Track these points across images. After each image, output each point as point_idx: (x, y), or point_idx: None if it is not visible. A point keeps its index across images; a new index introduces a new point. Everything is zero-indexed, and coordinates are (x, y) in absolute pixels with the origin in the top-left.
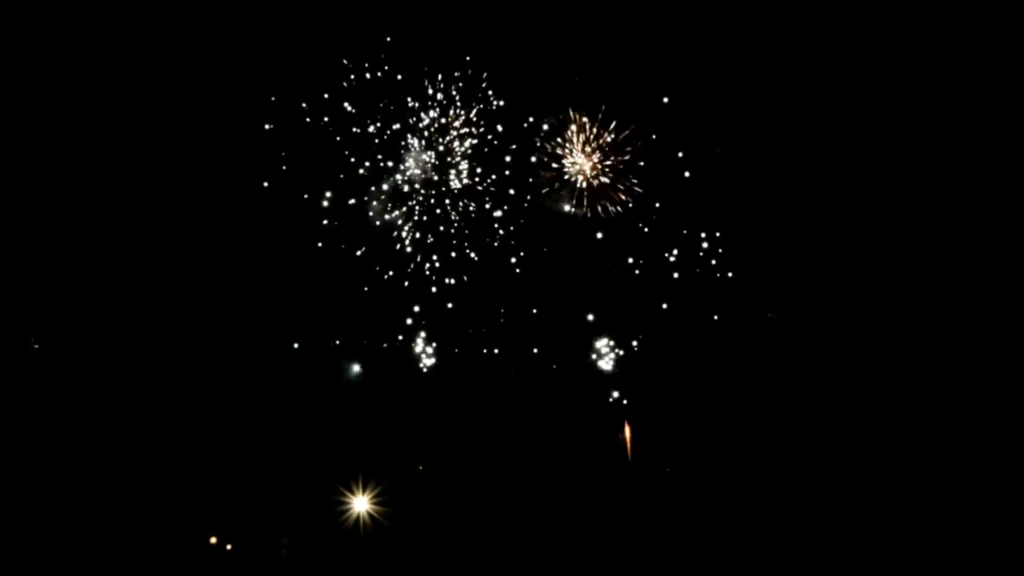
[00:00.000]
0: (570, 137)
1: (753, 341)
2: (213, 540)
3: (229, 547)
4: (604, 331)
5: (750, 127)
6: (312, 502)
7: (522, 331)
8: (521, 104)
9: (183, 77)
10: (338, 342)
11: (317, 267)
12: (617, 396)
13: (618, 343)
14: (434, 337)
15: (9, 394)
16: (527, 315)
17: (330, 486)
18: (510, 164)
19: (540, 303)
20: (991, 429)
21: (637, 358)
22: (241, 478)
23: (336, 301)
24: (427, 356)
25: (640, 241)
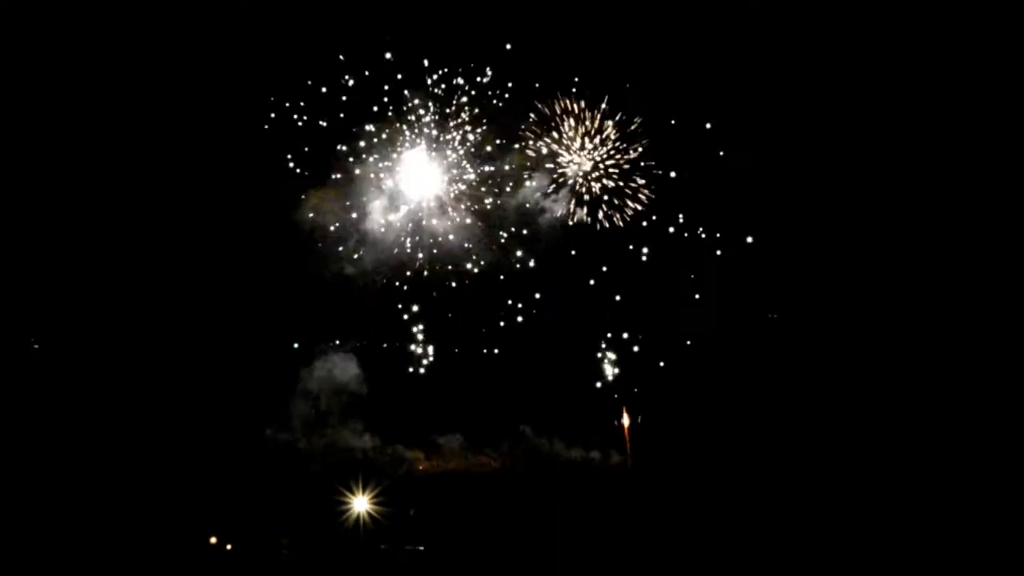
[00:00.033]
0: (565, 131)
1: (753, 341)
2: (213, 540)
3: (229, 547)
4: (604, 331)
5: (750, 127)
6: (312, 502)
7: (522, 331)
8: (520, 103)
9: (184, 78)
10: (338, 342)
11: (317, 267)
12: (617, 397)
13: (618, 343)
14: (434, 337)
15: (9, 394)
16: (526, 315)
17: (330, 486)
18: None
19: (539, 303)
20: (991, 429)
21: (637, 358)
22: (241, 478)
23: (336, 301)
24: (427, 356)
25: (641, 241)
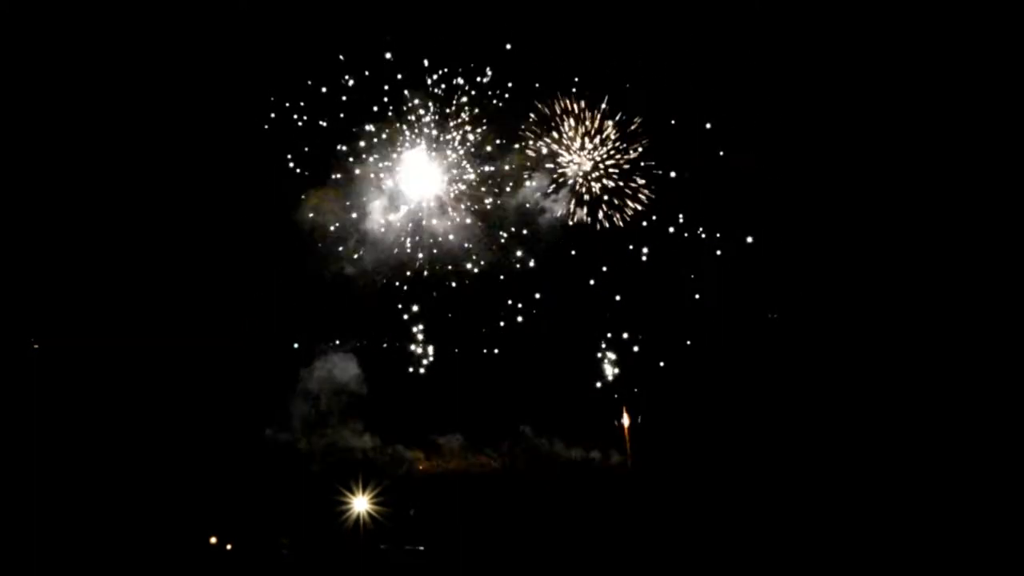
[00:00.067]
0: (566, 131)
1: (753, 341)
2: (213, 540)
3: (229, 547)
4: (604, 331)
5: (750, 127)
6: (312, 502)
7: (522, 331)
8: (520, 103)
9: (184, 78)
10: (338, 342)
11: (317, 267)
12: (617, 397)
13: (618, 343)
14: (434, 337)
15: (9, 394)
16: (526, 315)
17: (330, 486)
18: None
19: (539, 303)
20: (991, 429)
21: (637, 358)
22: (241, 478)
23: (336, 301)
24: (427, 356)
25: (641, 241)
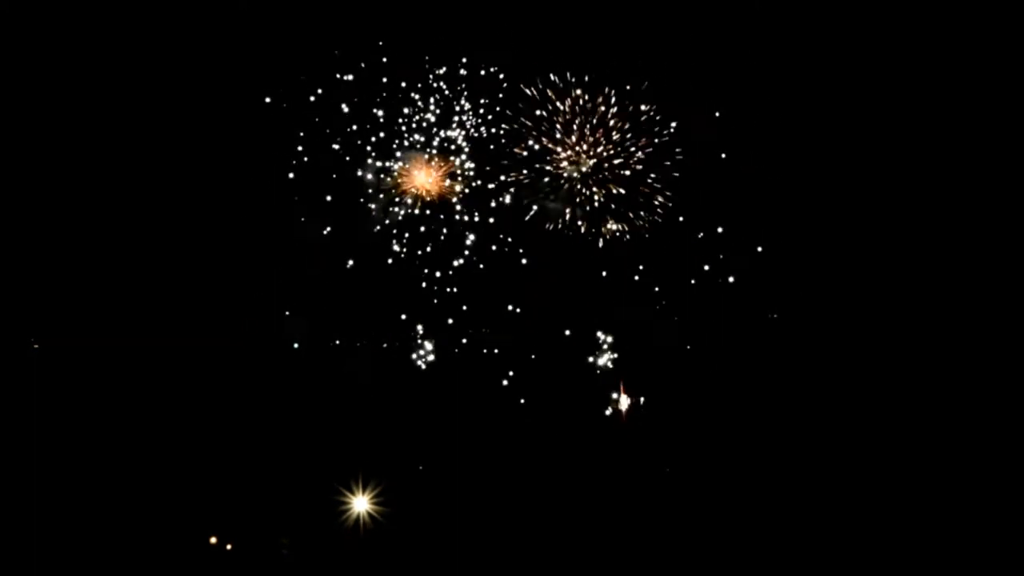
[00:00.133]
0: (560, 124)
1: (753, 341)
2: (213, 540)
3: (229, 547)
4: (603, 331)
5: (750, 126)
6: (312, 502)
7: (521, 331)
8: (519, 102)
9: (183, 76)
10: (338, 342)
11: (317, 268)
12: (616, 397)
13: (618, 343)
14: (434, 337)
15: (9, 394)
16: (526, 315)
17: (330, 486)
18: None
19: (539, 303)
20: (991, 429)
21: (637, 358)
22: (241, 478)
23: (335, 301)
24: (427, 356)
25: (640, 240)
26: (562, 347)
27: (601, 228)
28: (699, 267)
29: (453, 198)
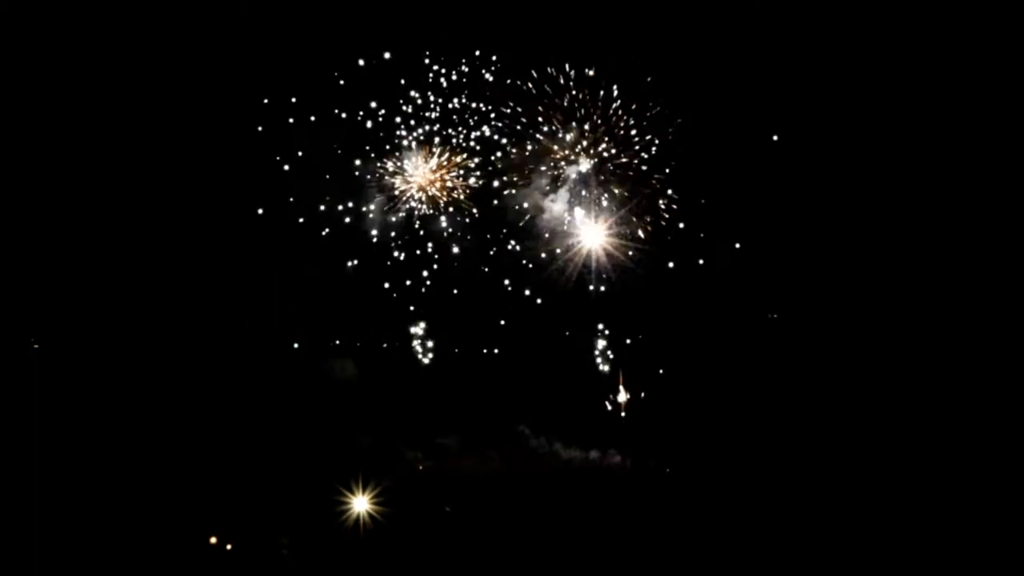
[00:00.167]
0: (557, 120)
1: (753, 341)
2: (213, 540)
3: (229, 547)
4: (603, 331)
5: (751, 127)
6: (312, 502)
7: (521, 331)
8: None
9: (184, 78)
10: (338, 342)
11: (317, 267)
12: (615, 397)
13: (618, 343)
14: (434, 337)
15: (9, 394)
16: (526, 315)
17: (330, 486)
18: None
19: (539, 302)
20: (991, 429)
21: (637, 358)
22: (241, 478)
23: (335, 301)
24: (427, 356)
25: (641, 240)
26: (561, 346)
27: (600, 228)
28: (698, 266)
29: (453, 197)
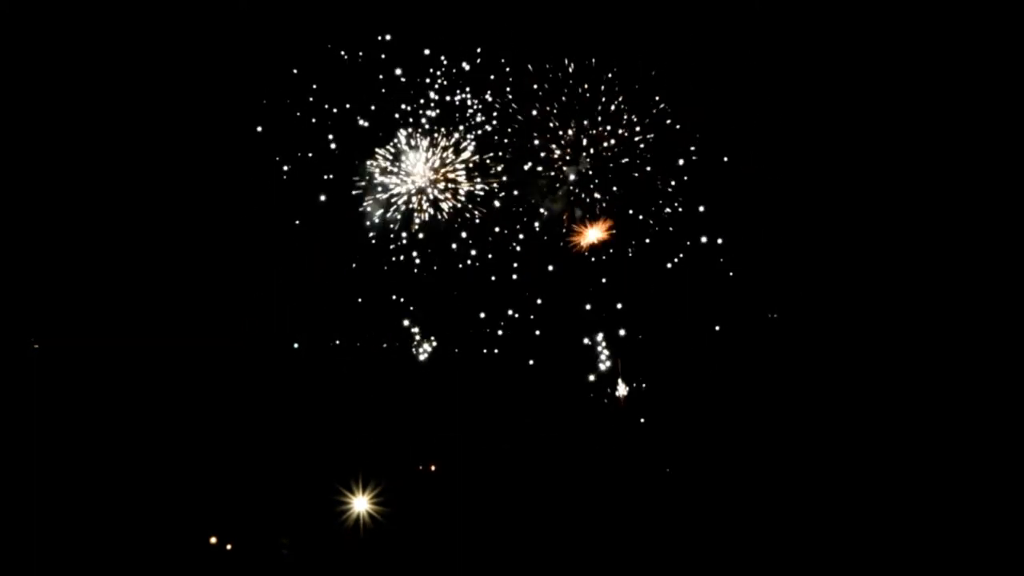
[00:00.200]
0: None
1: (753, 341)
2: (213, 540)
3: (229, 547)
4: (603, 331)
5: (750, 127)
6: (312, 502)
7: (521, 331)
8: (519, 98)
9: (183, 77)
10: (338, 342)
11: (317, 267)
12: (615, 396)
13: (617, 343)
14: (433, 337)
15: (9, 394)
16: (525, 315)
17: (330, 486)
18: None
19: (538, 302)
20: (991, 429)
21: (637, 358)
22: (241, 478)
23: (336, 301)
24: (426, 355)
25: (640, 239)
26: (562, 345)
27: (600, 226)
28: (698, 265)
29: (452, 196)
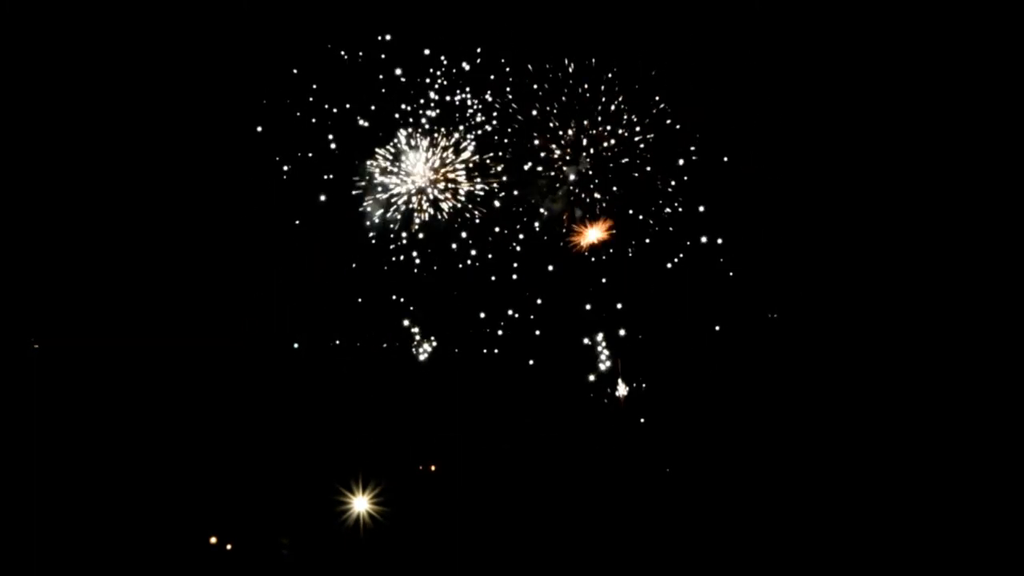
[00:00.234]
0: (554, 118)
1: (753, 341)
2: (213, 540)
3: (229, 547)
4: (603, 331)
5: (750, 127)
6: (312, 502)
7: (520, 331)
8: (519, 98)
9: (183, 77)
10: (338, 342)
11: (317, 267)
12: (615, 396)
13: (617, 343)
14: (433, 337)
15: (9, 394)
16: (525, 314)
17: (330, 486)
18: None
19: (536, 302)
20: (991, 430)
21: (637, 358)
22: (241, 478)
23: (336, 301)
24: (426, 355)
25: (640, 240)
26: (562, 345)
27: (599, 226)
28: (698, 265)
29: (452, 196)
